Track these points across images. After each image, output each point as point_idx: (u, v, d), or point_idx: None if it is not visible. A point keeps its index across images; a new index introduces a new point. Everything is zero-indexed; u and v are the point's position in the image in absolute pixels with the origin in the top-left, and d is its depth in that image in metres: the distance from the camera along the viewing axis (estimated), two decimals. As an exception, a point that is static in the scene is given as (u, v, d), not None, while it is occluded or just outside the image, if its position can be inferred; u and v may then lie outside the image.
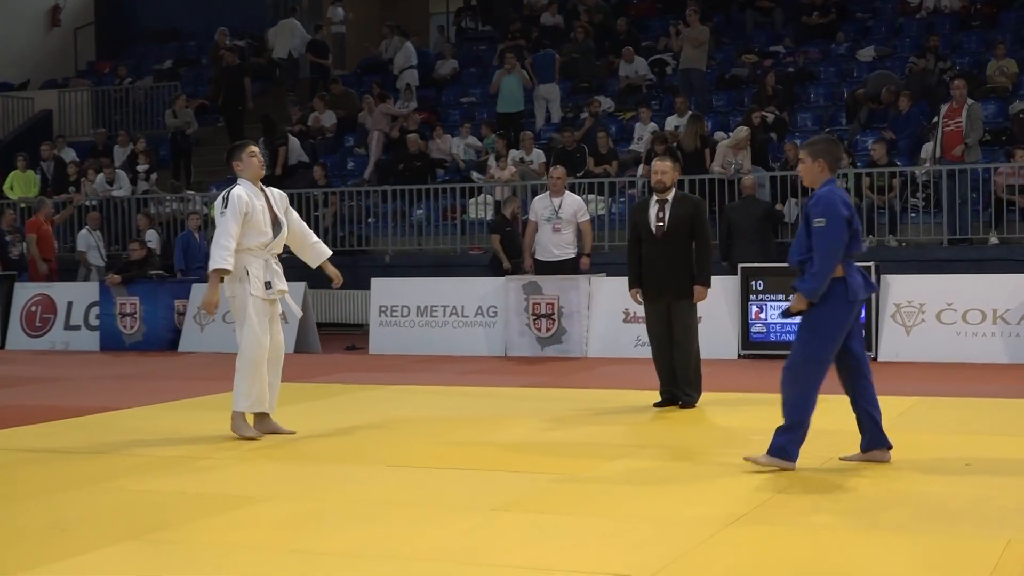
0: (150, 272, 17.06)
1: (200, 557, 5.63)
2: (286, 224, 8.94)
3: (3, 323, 17.60)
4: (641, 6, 24.76)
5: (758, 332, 13.85)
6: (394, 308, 15.52)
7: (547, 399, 10.94)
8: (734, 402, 10.46)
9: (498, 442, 8.62)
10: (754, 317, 13.86)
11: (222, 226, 8.60)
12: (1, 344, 17.49)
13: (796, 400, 7.19)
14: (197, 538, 5.96)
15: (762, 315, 13.81)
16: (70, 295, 17.46)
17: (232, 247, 8.54)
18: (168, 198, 20.36)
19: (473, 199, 18.70)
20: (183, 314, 16.70)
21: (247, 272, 8.64)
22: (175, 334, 16.69)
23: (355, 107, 22.29)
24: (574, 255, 14.49)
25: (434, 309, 15.34)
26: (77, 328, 17.28)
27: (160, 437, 9.00)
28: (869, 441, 7.38)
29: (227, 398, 8.92)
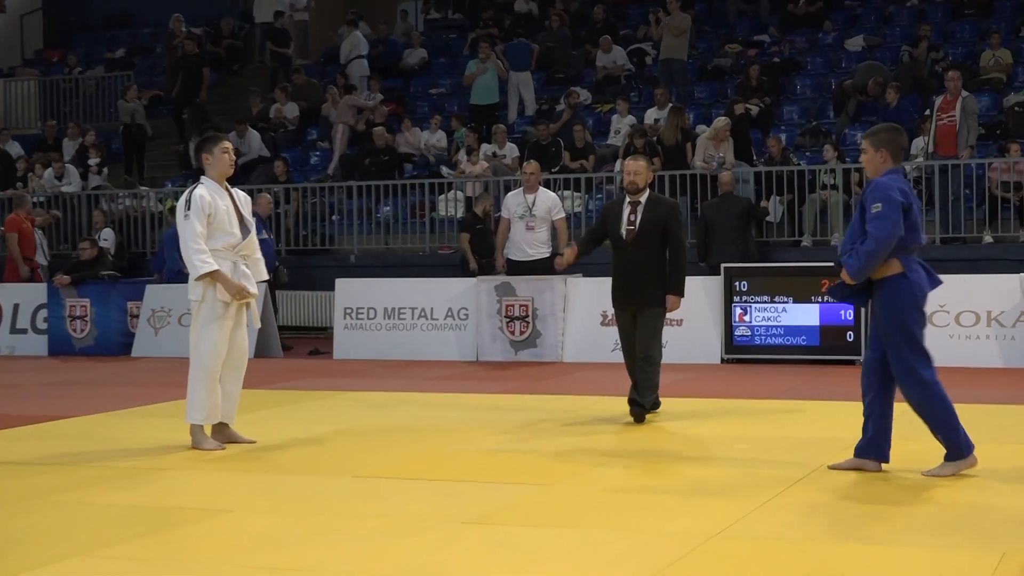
0: (102, 273, 16.97)
1: (153, 575, 5.61)
2: (253, 222, 8.92)
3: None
4: (619, -7, 24.81)
5: (742, 336, 13.89)
6: (360, 310, 15.50)
7: (520, 406, 10.94)
8: (717, 409, 10.48)
9: (469, 451, 8.61)
10: (738, 320, 13.89)
11: (188, 230, 8.53)
12: (-57, 349, 17.38)
13: (934, 404, 7.23)
14: (150, 554, 5.93)
15: (746, 317, 13.84)
16: (16, 297, 17.35)
17: (205, 248, 8.52)
18: (121, 194, 20.27)
19: (443, 195, 18.68)
20: (137, 317, 16.62)
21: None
22: (128, 338, 16.61)
23: (319, 98, 22.25)
24: (549, 255, 14.49)
25: (402, 311, 15.32)
26: (24, 332, 17.18)
27: (112, 447, 8.95)
28: (865, 447, 7.38)
29: (183, 405, 8.88)
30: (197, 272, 8.51)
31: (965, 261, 15.20)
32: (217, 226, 8.61)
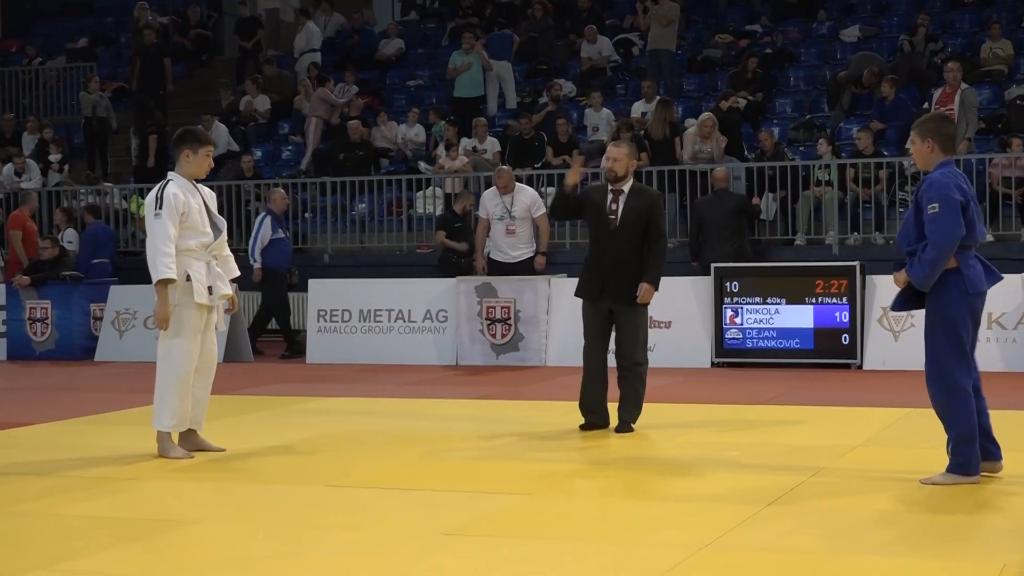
0: (63, 273, 16.93)
1: (119, 588, 5.62)
2: (223, 222, 8.90)
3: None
4: (605, -19, 24.84)
5: (733, 338, 13.93)
6: (334, 312, 15.49)
7: (502, 412, 10.96)
8: (707, 415, 10.51)
9: (448, 460, 8.62)
10: (729, 322, 13.93)
11: (159, 229, 8.47)
12: None
13: (956, 409, 7.21)
14: (114, 568, 5.93)
15: (737, 320, 13.88)
16: (-28, 298, 17.31)
17: (173, 252, 8.47)
18: (83, 191, 20.22)
19: (421, 192, 18.68)
20: (100, 319, 16.59)
21: (188, 277, 8.55)
22: (91, 341, 16.58)
23: (291, 91, 22.23)
24: (532, 254, 14.55)
25: (378, 313, 15.32)
26: (-19, 335, 17.14)
27: (76, 455, 8.93)
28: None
29: (150, 412, 8.88)
30: (158, 276, 8.47)
31: (965, 260, 15.25)
32: (190, 225, 8.56)
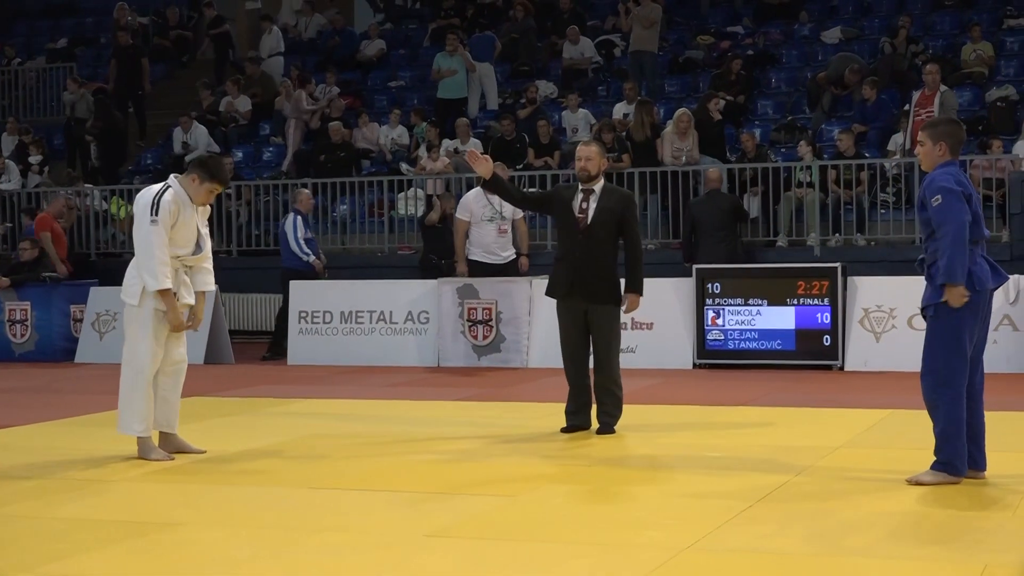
0: (43, 275, 16.89)
1: (101, 591, 5.61)
2: (208, 240, 8.86)
3: None
4: (587, -18, 24.86)
5: (715, 339, 13.95)
6: (315, 314, 15.47)
7: (484, 414, 10.96)
8: (688, 416, 10.53)
9: (430, 461, 8.62)
10: (711, 323, 13.95)
11: (154, 237, 8.41)
12: None
13: (946, 407, 7.21)
14: (97, 570, 5.92)
15: (719, 321, 13.90)
16: (-49, 300, 17.25)
17: (168, 261, 8.44)
18: (62, 192, 20.14)
19: (402, 193, 18.67)
20: (80, 321, 16.54)
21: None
22: (71, 343, 16.53)
23: (272, 91, 22.19)
24: (516, 256, 14.57)
25: (359, 315, 15.31)
26: (-41, 337, 17.08)
27: (56, 457, 8.91)
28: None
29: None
30: (159, 285, 8.41)
31: (946, 262, 15.30)
32: (173, 237, 8.53)
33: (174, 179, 8.66)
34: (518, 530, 6.58)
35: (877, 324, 13.48)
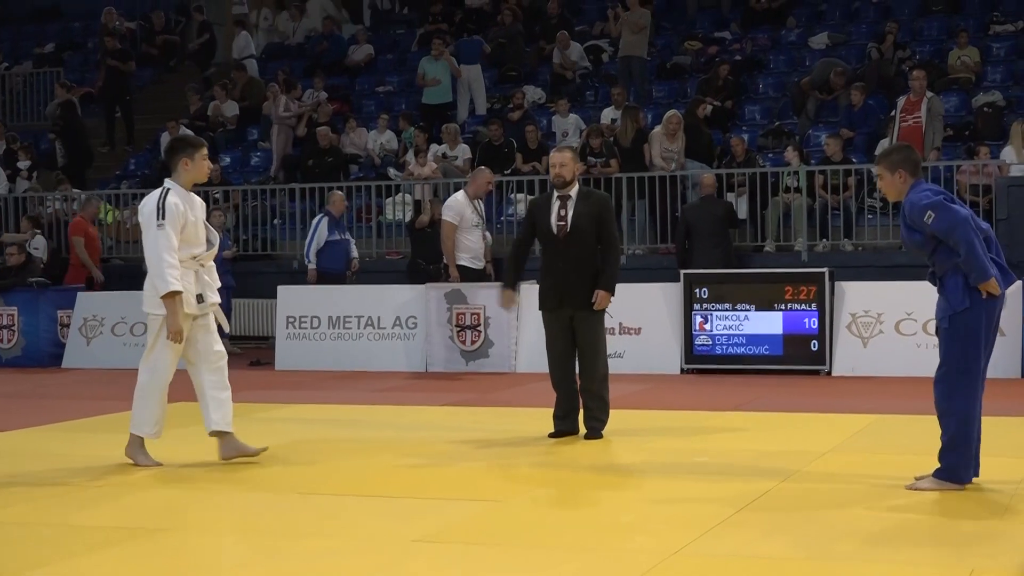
0: (30, 280, 16.85)
1: (87, 596, 5.59)
2: (217, 236, 8.82)
3: None
4: (574, -13, 24.88)
5: (703, 344, 13.95)
6: (303, 319, 15.46)
7: (471, 419, 10.95)
8: (676, 421, 10.54)
9: (418, 467, 8.62)
10: (698, 328, 13.95)
11: (163, 240, 8.32)
12: None
13: (956, 415, 7.20)
14: None
15: (707, 326, 13.91)
16: (-62, 305, 17.20)
17: (178, 264, 8.36)
18: (50, 197, 20.12)
19: (390, 198, 18.67)
20: (67, 326, 16.51)
21: None
22: (58, 348, 16.50)
23: (261, 96, 22.17)
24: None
25: (347, 320, 15.30)
26: (-54, 342, 17.04)
27: (43, 464, 8.88)
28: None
29: (119, 419, 8.84)
30: (166, 288, 8.31)
31: (933, 267, 15.34)
32: (185, 237, 8.45)
33: (170, 181, 8.58)
34: (506, 535, 6.58)
35: (864, 329, 13.50)
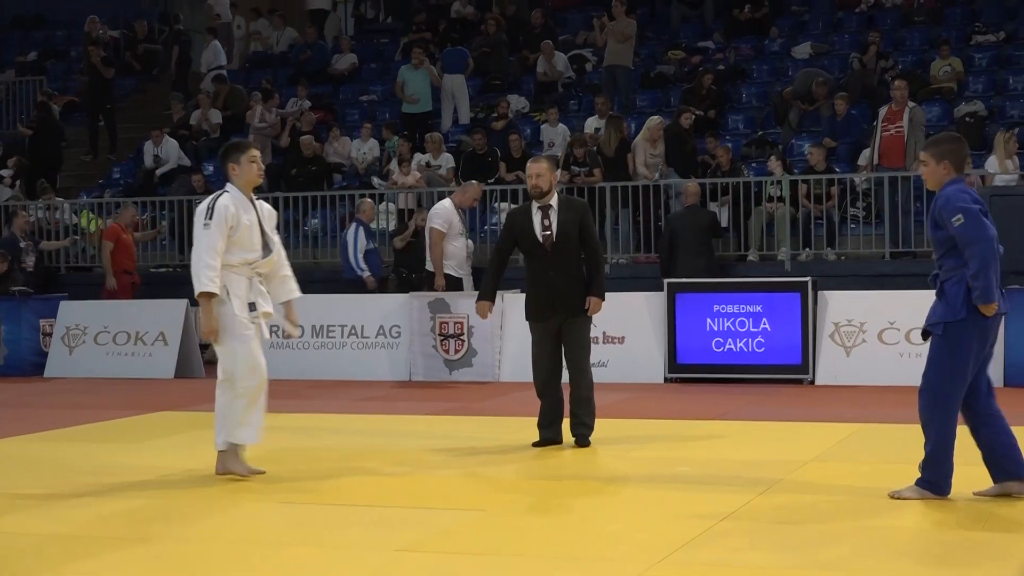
0: (12, 288, 16.78)
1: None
2: (277, 244, 8.68)
3: None
4: (558, -4, 24.90)
5: (686, 353, 13.95)
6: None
7: (455, 428, 10.95)
8: (659, 430, 10.54)
9: (402, 476, 8.61)
10: (682, 337, 13.94)
11: (206, 240, 8.24)
12: None
13: (939, 425, 7.18)
14: (67, 585, 5.89)
15: (690, 335, 13.90)
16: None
17: (217, 266, 8.22)
18: (32, 206, 20.03)
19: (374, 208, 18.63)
20: (50, 335, 16.44)
21: (227, 292, 8.32)
22: (41, 357, 16.42)
23: (243, 105, 22.15)
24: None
25: (331, 329, 15.27)
26: (-74, 351, 16.96)
27: (25, 473, 8.86)
28: (1002, 470, 7.32)
29: (102, 428, 8.82)
30: (201, 288, 8.20)
31: (915, 276, 15.30)
32: (236, 241, 8.33)
33: (229, 185, 8.50)
34: (489, 545, 6.58)
35: (847, 338, 13.53)
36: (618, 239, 17.15)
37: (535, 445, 9.56)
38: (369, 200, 16.77)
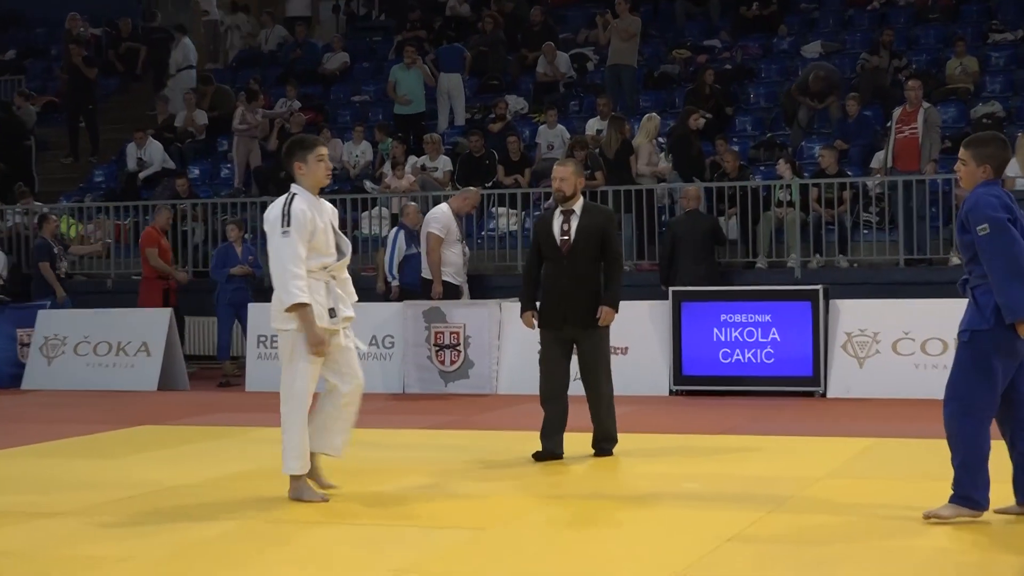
0: (-6, 296, 16.79)
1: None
2: (348, 243, 8.49)
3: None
4: (558, -7, 24.90)
5: (692, 364, 13.93)
6: (275, 338, 15.30)
7: (451, 443, 10.93)
8: (665, 444, 10.52)
9: (396, 493, 8.58)
10: (687, 347, 13.92)
11: (288, 249, 8.01)
12: None
13: (968, 438, 7.11)
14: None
15: (696, 345, 13.87)
16: None
17: (304, 274, 8.01)
18: (9, 210, 20.02)
19: (367, 212, 18.62)
20: (27, 346, 16.42)
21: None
22: (18, 369, 16.39)
23: (231, 106, 22.13)
24: None
25: (321, 339, 15.22)
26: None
27: (2, 490, 8.83)
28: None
29: (82, 443, 8.79)
30: (292, 300, 7.98)
31: (931, 284, 15.31)
32: (315, 245, 8.14)
33: (296, 187, 8.28)
34: (489, 566, 6.55)
35: (860, 349, 13.50)
36: (621, 245, 17.09)
37: (535, 456, 9.54)
38: (413, 204, 16.52)
